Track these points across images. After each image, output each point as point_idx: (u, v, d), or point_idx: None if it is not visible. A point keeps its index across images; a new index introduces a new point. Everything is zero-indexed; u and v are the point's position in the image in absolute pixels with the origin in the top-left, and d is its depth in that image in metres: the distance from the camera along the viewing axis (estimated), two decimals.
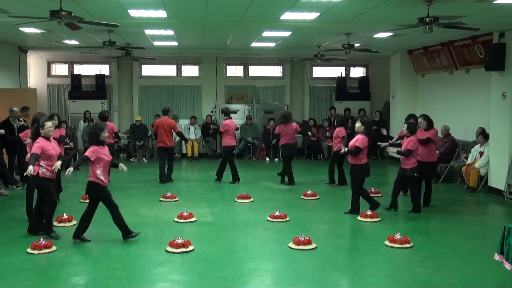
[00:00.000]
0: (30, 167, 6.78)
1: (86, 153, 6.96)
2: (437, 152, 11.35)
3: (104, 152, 7.03)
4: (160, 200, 9.75)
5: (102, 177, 6.98)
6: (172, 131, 11.78)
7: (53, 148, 7.30)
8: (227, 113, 11.74)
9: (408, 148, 8.61)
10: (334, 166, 11.44)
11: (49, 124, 7.32)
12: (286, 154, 11.49)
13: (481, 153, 10.78)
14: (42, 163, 7.12)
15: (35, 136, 7.38)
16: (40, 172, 7.13)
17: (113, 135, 11.37)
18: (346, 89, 17.32)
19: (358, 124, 8.76)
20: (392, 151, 9.14)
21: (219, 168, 11.80)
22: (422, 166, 8.99)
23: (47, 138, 7.27)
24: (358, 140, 8.51)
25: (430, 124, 9.28)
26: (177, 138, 14.20)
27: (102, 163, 6.96)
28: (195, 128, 15.93)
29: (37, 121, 7.58)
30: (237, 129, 12.03)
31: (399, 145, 9.07)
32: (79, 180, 12.36)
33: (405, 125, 9.00)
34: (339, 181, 11.36)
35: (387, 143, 9.66)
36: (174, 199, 9.78)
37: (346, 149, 8.71)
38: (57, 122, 8.60)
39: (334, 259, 6.55)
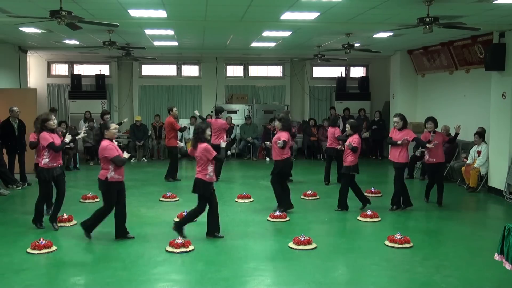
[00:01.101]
0: (112, 172, 6.76)
1: (209, 154, 6.90)
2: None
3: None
4: (160, 200, 9.76)
5: (212, 175, 7.07)
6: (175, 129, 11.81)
7: (118, 149, 7.09)
8: (216, 112, 11.96)
9: (355, 145, 8.67)
10: (330, 166, 11.61)
11: (114, 125, 7.14)
12: None
13: (479, 152, 10.79)
14: (111, 166, 6.87)
15: (99, 138, 7.05)
16: (108, 176, 6.86)
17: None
18: (346, 89, 17.32)
19: (276, 123, 8.88)
20: (341, 148, 9.17)
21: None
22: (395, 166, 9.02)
23: (111, 140, 7.08)
24: (281, 136, 8.58)
25: (405, 124, 8.96)
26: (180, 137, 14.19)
27: (212, 162, 7.03)
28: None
29: (103, 123, 7.35)
30: (225, 128, 11.72)
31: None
32: (79, 178, 12.40)
33: (348, 125, 9.05)
34: (338, 179, 11.51)
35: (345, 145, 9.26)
36: (174, 199, 9.79)
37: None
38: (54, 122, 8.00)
39: (334, 259, 6.56)
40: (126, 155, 7.06)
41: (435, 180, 9.45)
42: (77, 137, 8.30)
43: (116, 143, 7.15)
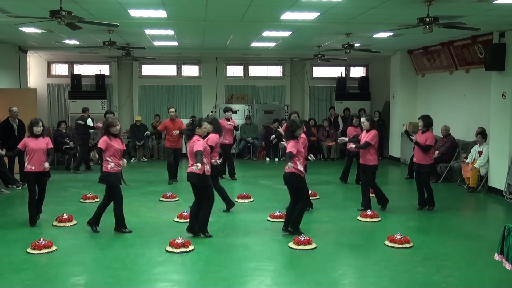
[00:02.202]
0: (199, 164, 6.83)
1: (291, 150, 7.17)
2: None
3: (300, 145, 7.38)
4: (160, 200, 9.76)
5: (301, 168, 7.24)
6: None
7: (206, 147, 7.28)
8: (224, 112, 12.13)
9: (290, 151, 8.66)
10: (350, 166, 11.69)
11: (206, 124, 7.34)
12: None
13: (480, 153, 10.79)
14: (205, 160, 7.09)
15: (192, 133, 7.27)
16: (205, 170, 7.11)
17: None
18: (346, 89, 17.31)
19: (208, 126, 8.85)
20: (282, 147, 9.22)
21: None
22: (362, 168, 8.98)
23: (201, 136, 7.30)
24: (209, 139, 8.56)
25: (372, 125, 8.96)
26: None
27: (301, 155, 7.30)
28: None
29: (194, 120, 7.48)
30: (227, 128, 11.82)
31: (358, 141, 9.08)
32: (79, 179, 12.40)
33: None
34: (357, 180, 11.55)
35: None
36: (174, 199, 9.79)
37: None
38: (41, 129, 7.89)
39: (334, 259, 6.56)
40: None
41: (419, 181, 9.17)
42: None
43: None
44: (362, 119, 9.10)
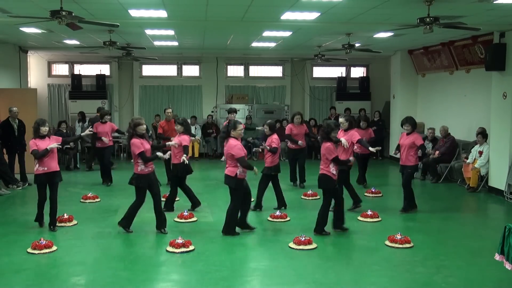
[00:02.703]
0: (255, 169, 7.12)
1: (329, 154, 7.16)
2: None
3: (335, 148, 7.34)
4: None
5: (334, 172, 7.26)
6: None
7: (244, 149, 7.32)
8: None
9: (274, 146, 8.70)
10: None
11: (241, 126, 7.38)
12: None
13: (481, 153, 10.79)
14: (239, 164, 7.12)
15: (226, 135, 7.34)
16: (238, 173, 7.19)
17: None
18: (347, 89, 17.31)
19: (178, 127, 8.93)
20: (259, 151, 9.17)
21: None
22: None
23: (237, 139, 7.33)
24: (183, 139, 8.70)
25: (351, 125, 8.85)
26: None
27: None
28: (195, 128, 15.92)
29: (231, 123, 7.54)
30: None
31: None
32: (79, 181, 12.38)
33: (266, 126, 9.03)
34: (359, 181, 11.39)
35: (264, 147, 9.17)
36: (175, 199, 9.76)
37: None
38: (47, 129, 7.72)
39: (334, 259, 6.56)
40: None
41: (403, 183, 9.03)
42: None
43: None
44: (341, 119, 8.93)
